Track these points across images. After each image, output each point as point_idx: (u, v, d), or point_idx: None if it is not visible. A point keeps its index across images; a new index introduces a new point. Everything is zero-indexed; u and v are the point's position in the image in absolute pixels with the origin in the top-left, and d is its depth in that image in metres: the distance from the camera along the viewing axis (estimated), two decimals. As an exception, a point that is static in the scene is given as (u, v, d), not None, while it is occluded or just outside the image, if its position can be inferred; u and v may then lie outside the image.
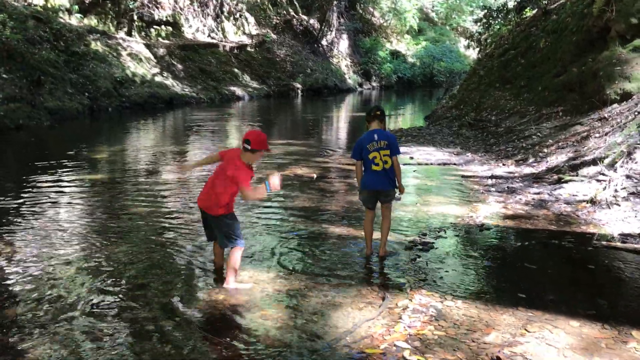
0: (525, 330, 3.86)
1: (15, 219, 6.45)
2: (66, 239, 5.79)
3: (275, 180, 4.37)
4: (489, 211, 7.16)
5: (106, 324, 3.93)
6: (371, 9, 46.12)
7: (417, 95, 37.70)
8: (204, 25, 30.38)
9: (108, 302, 4.28)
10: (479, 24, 23.70)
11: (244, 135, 4.56)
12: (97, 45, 21.26)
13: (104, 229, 6.17)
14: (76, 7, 22.45)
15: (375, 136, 5.29)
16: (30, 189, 7.99)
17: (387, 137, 5.34)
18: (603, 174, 7.81)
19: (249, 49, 32.06)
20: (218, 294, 4.49)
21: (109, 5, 24.48)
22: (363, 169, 5.42)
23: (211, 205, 4.57)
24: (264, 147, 4.54)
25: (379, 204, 5.51)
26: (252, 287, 4.62)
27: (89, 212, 6.98)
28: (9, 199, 7.44)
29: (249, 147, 4.45)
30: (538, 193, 7.97)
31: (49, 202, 7.31)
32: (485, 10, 23.36)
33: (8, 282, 4.64)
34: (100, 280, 4.72)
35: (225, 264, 4.75)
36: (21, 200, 7.34)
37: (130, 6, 24.79)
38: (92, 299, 4.32)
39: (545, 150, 10.39)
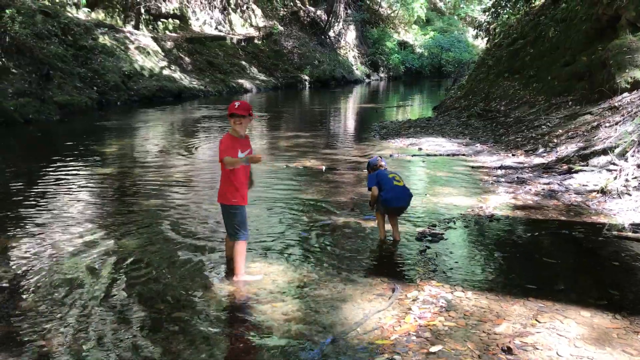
0: (536, 320, 3.85)
1: (25, 212, 6.51)
2: (77, 231, 5.82)
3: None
4: (499, 202, 7.14)
5: (116, 316, 3.96)
6: (378, 0, 45.87)
7: (425, 86, 37.54)
8: (211, 18, 30.37)
9: (119, 294, 4.32)
10: (487, 13, 23.45)
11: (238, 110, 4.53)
12: (105, 39, 21.31)
13: (115, 222, 6.20)
14: (84, 1, 22.51)
15: (386, 170, 5.78)
16: (40, 183, 8.05)
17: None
18: (614, 164, 7.76)
19: (256, 41, 32.03)
20: (228, 285, 4.51)
21: (116, -2, 24.52)
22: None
23: (223, 194, 4.63)
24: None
25: None
26: (262, 279, 4.64)
27: (100, 205, 7.02)
28: (19, 192, 7.50)
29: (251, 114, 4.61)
30: (548, 183, 7.94)
31: (60, 195, 7.35)
32: (494, 0, 23.13)
33: (19, 272, 4.69)
34: (111, 272, 4.75)
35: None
36: (31, 193, 7.40)
37: (137, -1, 24.81)
38: (103, 290, 4.36)
39: (555, 140, 10.33)
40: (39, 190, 7.65)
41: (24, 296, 4.29)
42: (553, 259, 5.17)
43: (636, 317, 3.88)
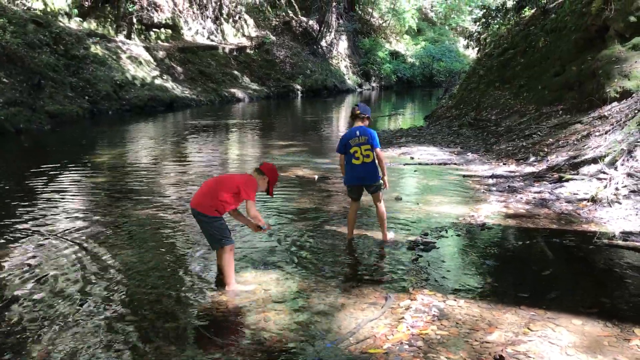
0: (528, 328, 3.87)
1: (18, 224, 6.47)
2: (69, 243, 5.79)
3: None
4: (490, 210, 7.17)
5: (109, 327, 3.94)
6: (370, 10, 46.14)
7: (417, 95, 37.70)
8: (203, 28, 30.42)
9: (111, 305, 4.29)
10: (478, 23, 23.62)
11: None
12: (96, 49, 21.29)
13: (106, 233, 6.17)
14: (75, 10, 22.51)
15: (357, 132, 5.82)
16: (31, 194, 8.01)
17: (368, 133, 5.81)
18: (604, 172, 7.82)
19: (248, 50, 32.11)
20: (221, 296, 4.50)
21: (108, 8, 24.53)
22: (345, 162, 5.90)
23: (205, 204, 4.59)
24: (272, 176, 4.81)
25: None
26: (255, 288, 4.63)
27: (91, 215, 6.98)
28: (10, 203, 7.46)
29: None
30: (539, 192, 7.98)
31: (52, 206, 7.32)
32: (484, 10, 23.27)
33: (13, 286, 4.66)
34: (104, 283, 4.73)
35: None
36: (23, 204, 7.36)
37: (130, 9, 24.81)
38: (95, 302, 4.34)
39: (546, 149, 10.40)
40: (30, 198, 7.61)
41: (13, 306, 4.26)
42: (544, 267, 5.19)
43: (627, 324, 3.90)
